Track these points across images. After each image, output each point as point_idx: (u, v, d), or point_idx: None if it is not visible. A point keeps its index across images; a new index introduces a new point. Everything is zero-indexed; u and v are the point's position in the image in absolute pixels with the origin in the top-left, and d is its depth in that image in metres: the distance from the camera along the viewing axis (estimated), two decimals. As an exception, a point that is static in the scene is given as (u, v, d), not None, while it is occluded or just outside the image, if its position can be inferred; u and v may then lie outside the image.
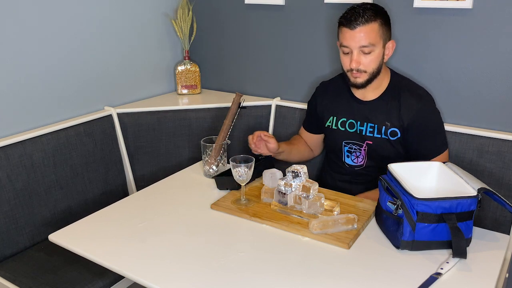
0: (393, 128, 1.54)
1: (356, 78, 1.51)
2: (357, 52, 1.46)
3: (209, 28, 2.32)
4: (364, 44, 1.44)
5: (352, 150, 1.62)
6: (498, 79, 1.66)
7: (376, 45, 1.46)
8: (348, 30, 1.45)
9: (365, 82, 1.51)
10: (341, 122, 1.64)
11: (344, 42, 1.47)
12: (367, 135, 1.58)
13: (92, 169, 1.89)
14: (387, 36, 1.50)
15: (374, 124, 1.57)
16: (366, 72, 1.49)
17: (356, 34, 1.43)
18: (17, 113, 1.72)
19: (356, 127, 1.60)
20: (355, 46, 1.45)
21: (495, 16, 1.61)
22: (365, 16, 1.42)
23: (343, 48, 1.49)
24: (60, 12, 1.80)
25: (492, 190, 1.19)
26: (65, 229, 1.31)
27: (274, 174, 1.46)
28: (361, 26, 1.42)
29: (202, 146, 1.64)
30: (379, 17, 1.45)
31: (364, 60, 1.47)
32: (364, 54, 1.46)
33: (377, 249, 1.20)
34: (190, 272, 1.11)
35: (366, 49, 1.45)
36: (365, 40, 1.43)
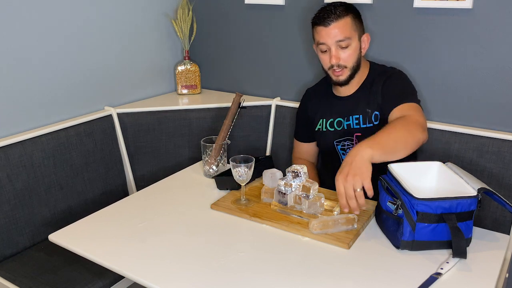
0: (375, 112, 1.56)
1: (339, 76, 1.55)
2: (334, 48, 1.50)
3: (209, 28, 2.32)
4: (340, 39, 1.49)
5: (345, 147, 1.63)
6: (498, 79, 1.66)
7: (352, 38, 1.51)
8: (323, 28, 1.49)
9: (348, 78, 1.55)
10: (330, 123, 1.66)
11: (320, 40, 1.51)
12: (355, 128, 1.60)
13: (92, 169, 1.89)
14: (360, 30, 1.55)
15: (358, 115, 1.59)
16: (347, 67, 1.53)
17: (331, 30, 1.48)
18: (17, 113, 1.72)
19: (343, 124, 1.62)
20: (332, 42, 1.49)
21: (495, 16, 1.61)
22: (336, 12, 1.48)
23: (320, 47, 1.53)
24: (60, 12, 1.80)
25: (492, 190, 1.19)
26: (65, 229, 1.31)
27: (274, 174, 1.46)
28: (335, 22, 1.48)
29: (202, 146, 1.64)
30: (350, 11, 1.51)
31: (343, 55, 1.51)
32: (341, 49, 1.50)
33: (377, 249, 1.20)
34: (190, 272, 1.11)
35: (343, 43, 1.49)
36: (340, 35, 1.48)
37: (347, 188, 1.20)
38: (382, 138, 1.28)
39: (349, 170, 1.20)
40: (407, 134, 1.33)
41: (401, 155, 1.30)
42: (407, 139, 1.32)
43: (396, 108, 1.46)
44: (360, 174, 1.19)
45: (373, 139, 1.27)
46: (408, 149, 1.31)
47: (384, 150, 1.25)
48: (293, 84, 2.13)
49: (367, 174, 1.19)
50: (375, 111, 1.56)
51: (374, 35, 1.85)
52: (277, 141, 2.08)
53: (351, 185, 1.19)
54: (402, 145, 1.30)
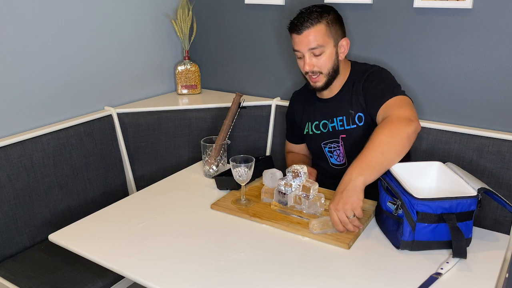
0: (358, 113, 1.55)
1: (315, 82, 1.54)
2: (308, 55, 1.50)
3: (209, 28, 2.32)
4: (312, 47, 1.48)
5: (332, 149, 1.63)
6: (498, 79, 1.66)
7: (326, 46, 1.49)
8: (296, 35, 1.49)
9: (325, 85, 1.55)
10: (315, 126, 1.66)
11: (295, 47, 1.52)
12: (339, 129, 1.59)
13: (92, 169, 1.89)
14: (338, 34, 1.52)
15: (342, 116, 1.58)
16: (322, 73, 1.52)
17: (303, 38, 1.48)
18: (17, 113, 1.72)
19: (328, 126, 1.62)
20: (305, 50, 1.49)
21: (495, 16, 1.61)
22: (309, 20, 1.46)
23: (296, 53, 1.53)
24: (60, 12, 1.80)
25: (492, 190, 1.19)
26: (65, 229, 1.31)
27: (274, 174, 1.46)
28: (307, 29, 1.46)
29: (202, 146, 1.64)
30: (325, 18, 1.48)
31: (317, 62, 1.50)
32: (315, 56, 1.50)
33: (377, 249, 1.20)
34: (190, 272, 1.11)
35: (316, 51, 1.48)
36: (313, 42, 1.47)
37: (340, 216, 1.21)
38: (369, 158, 1.25)
39: (339, 199, 1.22)
40: (394, 138, 1.28)
41: (397, 160, 1.29)
42: (396, 144, 1.28)
43: (381, 109, 1.43)
44: (351, 203, 1.20)
45: (361, 162, 1.24)
46: (402, 152, 1.29)
47: (376, 169, 1.25)
48: (293, 84, 2.13)
49: (358, 203, 1.21)
50: (359, 112, 1.55)
51: (374, 35, 1.85)
52: (277, 141, 2.08)
53: (343, 213, 1.21)
54: (392, 153, 1.27)
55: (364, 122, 1.54)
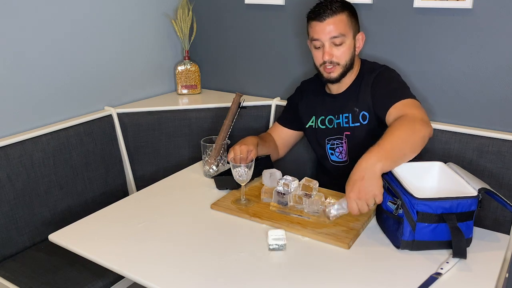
0: (363, 112, 1.55)
1: (330, 72, 1.52)
2: (328, 44, 1.48)
3: (209, 28, 2.32)
4: (334, 35, 1.46)
5: (335, 146, 1.63)
6: (498, 79, 1.66)
7: (347, 36, 1.48)
8: (317, 23, 1.47)
9: (339, 76, 1.53)
10: (321, 120, 1.65)
11: (314, 35, 1.49)
12: (344, 126, 1.59)
13: (92, 169, 1.89)
14: (356, 28, 1.53)
15: (348, 113, 1.58)
16: (339, 64, 1.50)
17: (326, 26, 1.46)
18: (17, 113, 1.72)
19: (334, 122, 1.61)
20: (326, 38, 1.47)
21: (495, 16, 1.61)
22: (332, 8, 1.46)
23: (314, 42, 1.51)
24: (60, 12, 1.80)
25: (493, 190, 1.19)
26: (65, 229, 1.31)
27: (273, 174, 1.46)
28: (330, 17, 1.45)
29: (202, 146, 1.64)
30: (347, 8, 1.49)
31: (336, 52, 1.49)
32: (335, 46, 1.48)
33: (377, 249, 1.20)
34: (190, 272, 1.11)
35: (337, 40, 1.47)
36: (335, 31, 1.46)
37: (361, 205, 1.20)
38: (388, 146, 1.23)
39: (359, 188, 1.19)
40: (412, 135, 1.28)
41: (410, 157, 1.28)
42: (413, 141, 1.28)
43: (392, 108, 1.41)
44: (372, 192, 1.19)
45: (379, 149, 1.22)
46: (416, 150, 1.29)
47: (393, 159, 1.23)
48: (293, 84, 2.12)
49: (380, 190, 1.19)
50: (363, 111, 1.54)
51: (374, 35, 1.85)
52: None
53: (364, 203, 1.20)
54: (409, 148, 1.27)
55: (368, 121, 1.54)
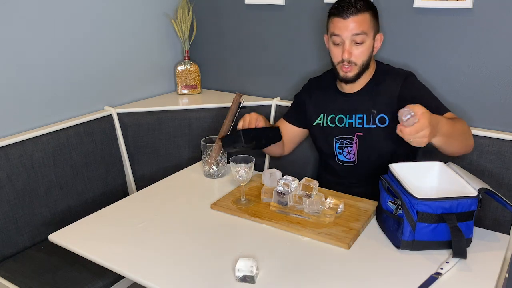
0: (381, 115, 1.54)
1: (347, 72, 1.51)
2: (349, 42, 1.46)
3: (209, 28, 2.32)
4: (356, 32, 1.45)
5: (344, 145, 1.61)
6: (498, 79, 1.66)
7: (368, 35, 1.47)
8: (340, 20, 1.45)
9: (355, 76, 1.52)
10: (331, 119, 1.63)
11: (335, 31, 1.47)
12: (357, 127, 1.57)
13: (92, 169, 1.89)
14: (376, 28, 1.52)
15: (362, 114, 1.57)
16: (357, 65, 1.49)
17: (348, 23, 1.44)
18: (17, 113, 1.72)
19: (345, 121, 1.60)
20: (348, 36, 1.45)
21: (495, 16, 1.61)
22: (357, 6, 1.44)
23: (334, 38, 1.48)
24: (60, 12, 1.80)
25: (493, 190, 1.19)
26: (65, 229, 1.31)
27: (273, 174, 1.46)
28: (354, 15, 1.44)
29: (202, 146, 1.64)
30: (370, 8, 1.48)
31: (356, 51, 1.47)
32: (355, 44, 1.47)
33: (377, 249, 1.20)
34: (190, 272, 1.11)
35: (358, 38, 1.45)
36: (357, 29, 1.44)
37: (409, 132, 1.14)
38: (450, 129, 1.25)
39: (429, 130, 1.13)
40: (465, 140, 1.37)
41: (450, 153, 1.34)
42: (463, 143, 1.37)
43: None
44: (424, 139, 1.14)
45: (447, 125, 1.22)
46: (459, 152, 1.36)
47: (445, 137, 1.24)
48: (293, 84, 2.13)
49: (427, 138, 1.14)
50: (382, 114, 1.53)
51: (374, 35, 1.85)
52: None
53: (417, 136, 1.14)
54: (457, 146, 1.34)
55: (388, 125, 1.53)
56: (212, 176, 1.65)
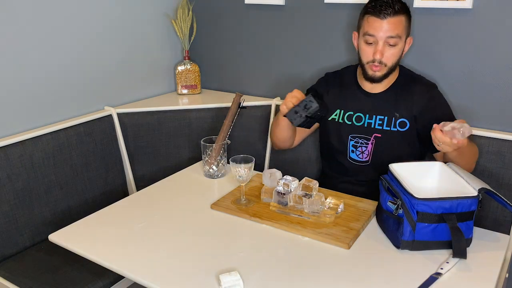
0: (402, 119, 1.54)
1: (376, 71, 1.50)
2: (382, 43, 1.45)
3: (209, 28, 2.32)
4: (391, 35, 1.44)
5: (358, 144, 1.59)
6: (498, 79, 1.66)
7: (401, 38, 1.46)
8: (377, 19, 1.43)
9: (383, 77, 1.51)
10: (348, 116, 1.61)
11: (370, 31, 1.45)
12: (376, 128, 1.56)
13: (92, 169, 1.89)
14: (408, 32, 1.51)
15: (383, 116, 1.56)
16: (386, 66, 1.49)
17: (385, 24, 1.43)
18: (17, 113, 1.72)
19: (364, 120, 1.58)
20: (382, 37, 1.44)
21: (495, 16, 1.61)
22: (395, 7, 1.42)
23: (367, 37, 1.47)
24: (60, 12, 1.80)
25: (493, 190, 1.19)
26: (65, 229, 1.31)
27: (273, 174, 1.46)
28: (391, 17, 1.42)
29: (202, 146, 1.64)
30: (406, 11, 1.46)
31: (388, 53, 1.46)
32: (388, 46, 1.46)
33: (377, 249, 1.20)
34: (190, 272, 1.11)
35: (392, 41, 1.45)
36: (393, 31, 1.43)
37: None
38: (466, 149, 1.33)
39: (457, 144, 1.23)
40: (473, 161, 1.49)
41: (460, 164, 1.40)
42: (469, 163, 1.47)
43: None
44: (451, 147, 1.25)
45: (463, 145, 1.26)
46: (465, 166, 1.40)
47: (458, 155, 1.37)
48: (293, 84, 2.13)
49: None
50: (404, 118, 1.53)
51: (374, 35, 1.84)
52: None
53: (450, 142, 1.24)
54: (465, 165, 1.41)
55: (408, 130, 1.53)
56: (212, 176, 1.65)
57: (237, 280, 1.04)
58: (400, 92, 1.55)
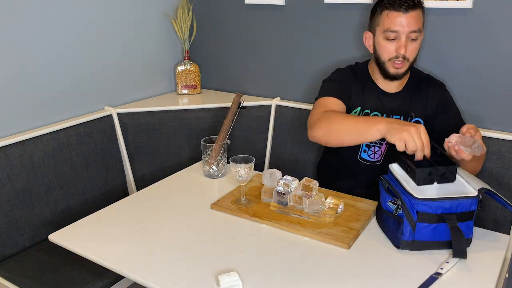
0: (417, 118, 1.53)
1: (399, 68, 1.45)
2: (405, 37, 1.41)
3: (209, 28, 2.32)
4: (414, 29, 1.41)
5: (372, 144, 1.57)
6: (498, 79, 1.66)
7: (421, 32, 1.44)
8: (399, 14, 1.39)
9: (406, 72, 1.48)
10: (364, 114, 1.56)
11: (392, 26, 1.40)
12: None
13: (92, 169, 1.89)
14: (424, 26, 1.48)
15: (399, 116, 1.54)
16: (409, 61, 1.46)
17: (408, 19, 1.39)
18: (17, 113, 1.72)
19: None
20: (405, 31, 1.40)
21: (495, 16, 1.61)
22: (415, 2, 1.40)
23: (388, 34, 1.42)
24: (60, 12, 1.80)
25: (493, 190, 1.19)
26: (65, 229, 1.31)
27: (273, 174, 1.46)
28: (413, 10, 1.40)
29: (202, 146, 1.64)
30: (423, 5, 1.44)
31: (410, 47, 1.43)
32: (410, 40, 1.43)
33: (377, 249, 1.20)
34: (190, 272, 1.11)
35: (414, 35, 1.42)
36: (415, 25, 1.40)
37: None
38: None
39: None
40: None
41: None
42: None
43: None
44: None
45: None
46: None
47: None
48: (293, 84, 2.13)
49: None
50: (418, 117, 1.53)
51: (374, 35, 1.84)
52: (277, 141, 2.08)
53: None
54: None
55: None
56: (212, 176, 1.65)
57: (236, 280, 1.04)
58: (414, 91, 1.54)
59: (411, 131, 1.15)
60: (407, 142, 1.15)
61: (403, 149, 1.16)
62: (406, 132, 1.15)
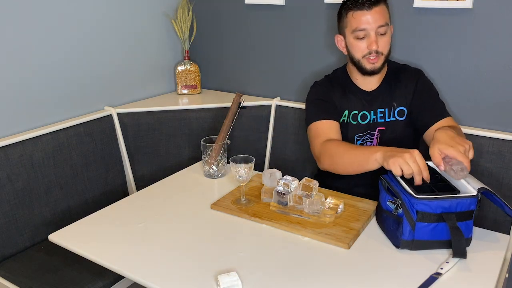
0: (400, 107, 1.56)
1: (374, 63, 1.49)
2: (374, 33, 1.46)
3: (209, 28, 2.32)
4: (381, 24, 1.45)
5: (364, 142, 1.60)
6: (497, 79, 1.66)
7: (389, 25, 1.48)
8: (364, 12, 1.44)
9: (382, 66, 1.52)
10: (353, 115, 1.60)
11: (360, 25, 1.45)
12: (379, 122, 1.57)
13: (92, 169, 1.89)
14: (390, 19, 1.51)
15: (383, 108, 1.57)
16: (383, 54, 1.49)
17: (373, 15, 1.44)
18: (17, 113, 1.72)
19: (369, 118, 1.59)
20: (373, 27, 1.45)
21: (495, 16, 1.61)
22: None
23: (357, 33, 1.47)
24: (60, 12, 1.80)
25: (492, 191, 1.19)
26: (65, 229, 1.31)
27: (273, 174, 1.46)
28: (376, 6, 1.44)
29: (202, 146, 1.64)
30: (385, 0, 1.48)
31: (381, 42, 1.47)
32: (380, 35, 1.47)
33: (377, 249, 1.20)
34: (190, 272, 1.11)
35: (382, 29, 1.46)
36: (381, 20, 1.44)
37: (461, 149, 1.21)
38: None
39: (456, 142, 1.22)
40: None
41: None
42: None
43: (442, 120, 1.46)
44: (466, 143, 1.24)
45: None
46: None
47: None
48: (293, 84, 2.13)
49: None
50: (401, 106, 1.56)
51: (374, 35, 1.84)
52: (277, 141, 2.08)
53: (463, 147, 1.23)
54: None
55: (406, 117, 1.55)
56: (212, 176, 1.65)
57: (235, 280, 1.04)
58: (393, 83, 1.57)
59: (405, 157, 1.18)
60: (402, 166, 1.17)
61: (399, 174, 1.18)
62: (401, 158, 1.18)
